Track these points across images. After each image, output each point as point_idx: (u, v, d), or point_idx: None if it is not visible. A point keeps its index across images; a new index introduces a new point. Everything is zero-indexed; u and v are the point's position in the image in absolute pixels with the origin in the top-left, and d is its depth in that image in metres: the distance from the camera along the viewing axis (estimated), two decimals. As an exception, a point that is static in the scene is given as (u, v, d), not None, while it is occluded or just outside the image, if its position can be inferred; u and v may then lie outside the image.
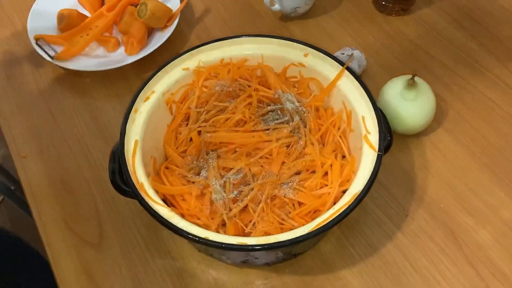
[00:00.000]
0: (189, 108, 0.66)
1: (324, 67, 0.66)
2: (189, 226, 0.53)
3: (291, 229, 0.53)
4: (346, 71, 0.64)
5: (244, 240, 0.52)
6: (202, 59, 0.67)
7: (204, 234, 0.52)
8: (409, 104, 0.67)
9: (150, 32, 0.84)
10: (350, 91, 0.63)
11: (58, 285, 0.62)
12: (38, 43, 0.80)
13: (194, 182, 0.60)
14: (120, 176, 0.58)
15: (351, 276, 0.60)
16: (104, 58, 0.81)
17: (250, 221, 0.58)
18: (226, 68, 0.67)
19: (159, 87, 0.64)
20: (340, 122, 0.64)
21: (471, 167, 0.68)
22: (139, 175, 0.57)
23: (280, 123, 0.64)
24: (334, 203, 0.56)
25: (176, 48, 0.84)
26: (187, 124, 0.66)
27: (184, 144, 0.65)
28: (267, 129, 0.63)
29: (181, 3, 0.85)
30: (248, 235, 0.57)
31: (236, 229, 0.58)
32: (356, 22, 0.86)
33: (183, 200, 0.59)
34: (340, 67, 0.64)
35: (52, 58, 0.79)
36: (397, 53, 0.82)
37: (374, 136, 0.58)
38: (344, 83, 0.64)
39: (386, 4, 0.86)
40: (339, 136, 0.63)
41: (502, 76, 0.77)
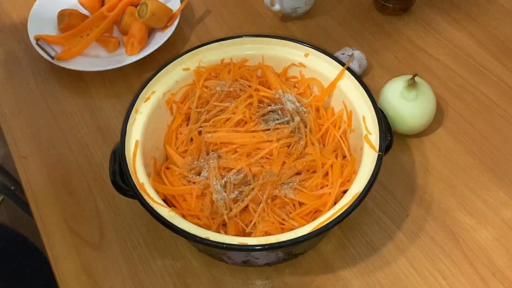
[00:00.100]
0: (189, 108, 0.66)
1: (324, 67, 0.66)
2: (189, 226, 0.53)
3: (292, 229, 0.53)
4: (347, 71, 0.64)
5: (244, 240, 0.52)
6: (202, 59, 0.67)
7: (205, 234, 0.52)
8: (409, 104, 0.67)
9: (151, 32, 0.84)
10: (351, 91, 0.63)
11: (58, 285, 0.62)
12: (39, 43, 0.80)
13: (194, 183, 0.60)
14: (120, 176, 0.58)
15: (352, 276, 0.60)
16: (105, 58, 0.81)
17: (251, 221, 0.58)
18: (227, 68, 0.67)
19: (159, 87, 0.64)
20: (340, 122, 0.65)
21: (471, 167, 0.68)
22: (140, 175, 0.57)
23: (281, 123, 0.64)
24: (335, 203, 0.56)
25: (177, 48, 0.84)
26: (187, 124, 0.66)
27: (185, 144, 0.65)
28: (268, 129, 0.63)
29: (181, 3, 0.85)
30: (248, 235, 0.57)
31: (236, 229, 0.58)
32: (356, 22, 0.86)
33: (184, 200, 0.59)
34: (340, 67, 0.64)
35: (52, 58, 0.79)
36: (397, 53, 0.82)
37: (374, 136, 0.58)
38: (345, 83, 0.64)
39: (386, 4, 0.86)
40: (340, 136, 0.63)
41: (502, 76, 0.77)
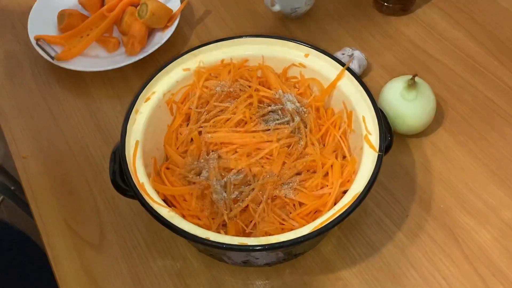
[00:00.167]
0: (189, 108, 0.66)
1: (324, 67, 0.66)
2: (189, 227, 0.53)
3: (292, 229, 0.53)
4: (347, 72, 0.64)
5: (244, 240, 0.52)
6: (202, 60, 0.67)
7: (205, 234, 0.52)
8: (409, 104, 0.67)
9: (151, 32, 0.84)
10: (351, 91, 0.63)
11: (58, 285, 0.62)
12: (39, 43, 0.80)
13: (194, 183, 0.60)
14: (120, 176, 0.58)
15: (351, 276, 0.60)
16: (105, 59, 0.81)
17: (251, 221, 0.58)
18: (227, 69, 0.67)
19: (159, 88, 0.65)
20: (340, 122, 0.65)
21: (471, 167, 0.68)
22: (140, 175, 0.57)
23: (281, 123, 0.64)
24: (335, 203, 0.56)
25: (177, 48, 0.84)
26: (187, 125, 0.66)
27: (185, 145, 0.65)
28: (268, 129, 0.63)
29: (181, 4, 0.85)
30: (248, 235, 0.57)
31: (236, 229, 0.58)
32: (356, 22, 0.86)
33: (184, 200, 0.59)
34: (340, 67, 0.64)
35: (52, 59, 0.79)
36: (397, 53, 0.82)
37: (374, 136, 0.58)
38: (345, 83, 0.64)
39: (386, 4, 0.86)
40: (340, 136, 0.63)
41: (502, 76, 0.77)
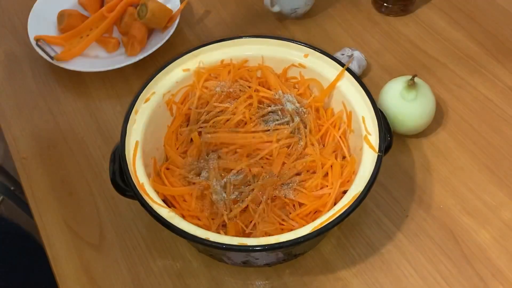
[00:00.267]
0: (189, 109, 0.66)
1: (324, 68, 0.66)
2: (189, 227, 0.53)
3: (292, 229, 0.53)
4: (346, 72, 0.64)
5: (244, 240, 0.52)
6: (202, 60, 0.67)
7: (205, 234, 0.52)
8: (409, 104, 0.67)
9: (150, 33, 0.84)
10: (350, 92, 0.63)
11: (58, 285, 0.62)
12: (38, 44, 0.80)
13: (194, 183, 0.60)
14: (120, 176, 0.58)
15: (351, 276, 0.60)
16: (104, 59, 0.81)
17: (251, 221, 0.58)
18: (227, 69, 0.67)
19: (159, 88, 0.64)
20: (340, 122, 0.65)
21: (471, 167, 0.68)
22: (140, 175, 0.57)
23: (281, 124, 0.64)
24: (335, 203, 0.56)
25: (177, 49, 0.84)
26: (187, 125, 0.66)
27: (185, 145, 0.65)
28: (268, 130, 0.63)
29: (181, 4, 0.85)
30: (248, 235, 0.58)
31: (236, 229, 0.58)
32: (356, 23, 0.86)
33: (184, 200, 0.59)
34: (340, 68, 0.64)
35: (52, 59, 0.79)
36: (397, 53, 0.82)
37: (374, 137, 0.58)
38: (344, 84, 0.64)
39: (386, 4, 0.86)
40: (339, 136, 0.63)
41: (502, 77, 0.77)
